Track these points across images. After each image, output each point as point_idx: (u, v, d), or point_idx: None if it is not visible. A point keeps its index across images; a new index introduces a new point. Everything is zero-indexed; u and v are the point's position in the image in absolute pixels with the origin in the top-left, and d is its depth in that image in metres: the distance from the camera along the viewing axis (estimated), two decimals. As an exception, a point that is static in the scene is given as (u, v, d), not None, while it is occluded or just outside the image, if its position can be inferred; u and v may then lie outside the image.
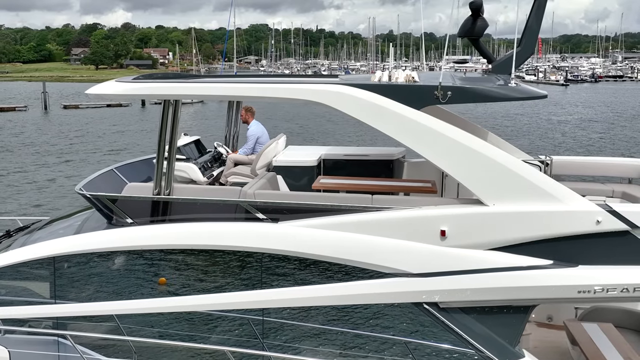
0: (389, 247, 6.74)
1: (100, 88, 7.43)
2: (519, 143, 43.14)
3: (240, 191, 7.33)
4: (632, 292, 6.63)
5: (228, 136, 10.38)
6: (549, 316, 9.77)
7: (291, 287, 6.95)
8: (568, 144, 44.06)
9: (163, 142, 7.26)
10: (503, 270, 6.68)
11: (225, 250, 7.00)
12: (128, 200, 7.37)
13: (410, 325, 6.91)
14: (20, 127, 55.51)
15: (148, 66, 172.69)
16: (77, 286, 7.31)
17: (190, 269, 7.11)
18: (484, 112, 64.39)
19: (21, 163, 36.24)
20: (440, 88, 6.64)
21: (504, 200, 6.66)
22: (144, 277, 7.20)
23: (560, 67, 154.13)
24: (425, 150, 6.75)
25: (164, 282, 7.08)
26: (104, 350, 7.37)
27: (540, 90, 7.21)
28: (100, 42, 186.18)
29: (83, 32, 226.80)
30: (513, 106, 71.07)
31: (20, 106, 70.35)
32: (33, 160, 37.49)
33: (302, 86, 6.98)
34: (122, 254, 7.21)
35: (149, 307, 7.14)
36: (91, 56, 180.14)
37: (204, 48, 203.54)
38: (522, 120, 59.55)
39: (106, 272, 7.25)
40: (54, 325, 7.37)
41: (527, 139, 46.08)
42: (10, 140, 46.70)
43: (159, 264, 7.16)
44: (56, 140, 46.43)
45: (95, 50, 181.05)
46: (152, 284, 7.20)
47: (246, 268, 7.01)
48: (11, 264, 7.34)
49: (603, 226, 6.57)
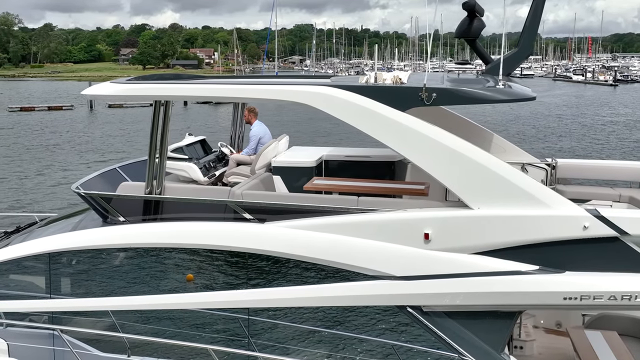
0: (372, 249, 6.72)
1: (95, 89, 7.62)
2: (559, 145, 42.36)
3: (230, 191, 7.42)
4: (619, 300, 6.45)
5: (234, 136, 10.50)
6: (558, 322, 9.58)
7: (275, 288, 7.00)
8: (612, 144, 42.92)
9: (154, 142, 7.40)
10: (487, 275, 6.59)
11: (210, 250, 7.10)
12: (121, 199, 7.53)
13: (395, 329, 6.87)
14: (65, 125, 57.08)
15: (194, 66, 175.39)
16: (70, 282, 7.51)
17: (177, 267, 7.22)
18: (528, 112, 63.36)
19: (62, 161, 37.26)
20: (424, 90, 6.58)
21: (489, 203, 6.57)
22: (134, 274, 7.35)
23: (610, 67, 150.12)
24: (409, 152, 6.70)
25: (192, 279, 7.11)
26: (97, 344, 7.55)
27: (530, 92, 7.07)
28: (148, 43, 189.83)
29: (132, 33, 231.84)
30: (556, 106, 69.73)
31: (67, 105, 72.32)
32: (76, 158, 38.49)
33: (287, 87, 7.02)
34: (112, 252, 7.37)
35: (137, 304, 7.28)
36: (139, 56, 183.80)
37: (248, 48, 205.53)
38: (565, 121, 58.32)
39: (97, 269, 7.43)
40: (49, 319, 7.59)
41: (569, 140, 45.11)
42: (55, 138, 48.09)
43: (148, 262, 7.30)
44: (99, 139, 47.59)
45: (143, 50, 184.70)
46: (141, 281, 7.33)
47: (231, 267, 7.09)
48: (8, 259, 7.58)
49: (590, 232, 6.41)
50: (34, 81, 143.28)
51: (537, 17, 7.69)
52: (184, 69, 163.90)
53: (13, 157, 38.95)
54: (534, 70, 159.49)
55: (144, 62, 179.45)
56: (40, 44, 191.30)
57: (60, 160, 37.68)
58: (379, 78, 7.11)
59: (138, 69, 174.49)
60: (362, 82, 7.06)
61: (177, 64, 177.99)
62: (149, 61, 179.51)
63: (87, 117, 64.75)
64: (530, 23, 7.76)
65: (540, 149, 40.40)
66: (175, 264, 7.22)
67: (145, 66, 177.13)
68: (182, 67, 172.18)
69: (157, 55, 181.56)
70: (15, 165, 35.58)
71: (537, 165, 9.23)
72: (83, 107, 71.53)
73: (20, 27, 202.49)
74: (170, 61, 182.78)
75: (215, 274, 7.17)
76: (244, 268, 7.04)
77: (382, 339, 6.92)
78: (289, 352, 7.08)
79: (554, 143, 43.74)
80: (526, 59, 8.44)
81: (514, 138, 46.04)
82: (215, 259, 7.14)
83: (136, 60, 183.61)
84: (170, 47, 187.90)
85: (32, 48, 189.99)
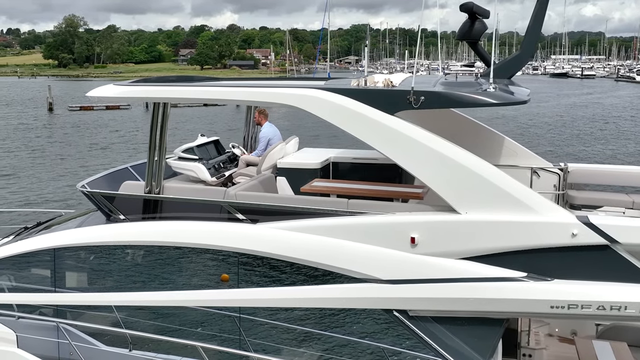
0: (359, 252, 6.73)
1: (99, 91, 7.87)
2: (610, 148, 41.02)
3: (225, 192, 7.56)
4: (609, 311, 6.26)
5: (247, 137, 10.65)
6: (573, 331, 9.35)
7: (262, 288, 7.09)
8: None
9: (154, 143, 7.61)
10: (474, 281, 6.50)
11: (202, 249, 7.25)
12: (121, 197, 7.77)
13: (381, 332, 6.86)
14: (120, 124, 58.77)
15: (250, 66, 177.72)
16: (73, 277, 7.80)
17: (169, 266, 7.40)
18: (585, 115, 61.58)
19: (112, 159, 38.36)
20: (412, 93, 6.54)
21: (477, 208, 6.48)
22: (130, 271, 7.56)
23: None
24: (396, 155, 6.67)
25: (227, 279, 7.23)
26: (101, 337, 7.81)
27: (524, 96, 6.91)
28: (206, 44, 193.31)
29: (191, 34, 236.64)
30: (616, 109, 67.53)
31: (124, 105, 74.39)
32: (127, 156, 39.54)
33: (276, 90, 7.11)
34: (111, 249, 7.61)
35: (131, 300, 7.50)
36: (197, 57, 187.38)
37: (304, 49, 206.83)
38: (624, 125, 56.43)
39: (97, 265, 7.69)
40: (54, 312, 7.90)
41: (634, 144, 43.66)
42: (110, 137, 49.56)
43: (144, 259, 7.50)
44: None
45: (201, 51, 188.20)
46: (137, 277, 7.54)
47: (222, 267, 7.22)
48: (16, 254, 7.92)
49: (579, 239, 6.25)
50: (97, 81, 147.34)
51: (539, 20, 7.53)
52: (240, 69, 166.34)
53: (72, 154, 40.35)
54: (595, 71, 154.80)
55: (202, 63, 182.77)
56: (104, 45, 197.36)
57: (116, 158, 38.76)
58: (370, 81, 7.11)
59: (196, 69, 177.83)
60: (354, 85, 7.07)
61: (233, 65, 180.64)
62: (207, 61, 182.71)
63: (142, 116, 66.41)
64: (533, 25, 7.61)
65: (595, 152, 39.32)
66: (169, 262, 7.39)
67: (202, 66, 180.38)
68: (238, 67, 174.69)
69: (214, 55, 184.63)
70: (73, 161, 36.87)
71: (550, 170, 9.02)
72: (139, 106, 73.41)
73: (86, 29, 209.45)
74: (227, 61, 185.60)
75: (204, 272, 7.32)
76: (234, 268, 7.16)
77: (370, 341, 6.92)
78: (277, 351, 7.15)
79: (611, 147, 42.43)
80: (527, 62, 8.26)
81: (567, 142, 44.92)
82: (206, 258, 7.28)
83: (194, 61, 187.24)
84: (228, 48, 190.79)
85: (95, 49, 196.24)
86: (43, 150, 41.98)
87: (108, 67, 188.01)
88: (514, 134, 48.22)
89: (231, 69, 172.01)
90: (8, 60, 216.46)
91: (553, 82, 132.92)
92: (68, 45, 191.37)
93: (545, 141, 45.01)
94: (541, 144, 42.30)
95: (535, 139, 45.23)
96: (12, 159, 38.71)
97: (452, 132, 9.41)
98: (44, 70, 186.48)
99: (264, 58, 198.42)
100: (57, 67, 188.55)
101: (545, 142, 44.18)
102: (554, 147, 42.29)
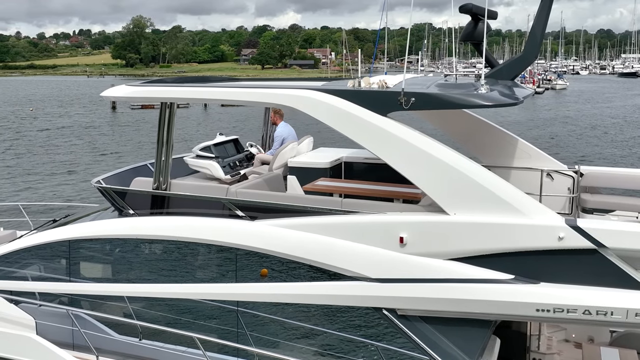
0: (350, 250, 6.85)
1: (111, 91, 8.25)
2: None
3: (227, 189, 7.81)
4: (594, 315, 6.18)
5: (265, 137, 10.89)
6: (590, 337, 9.21)
7: (255, 283, 7.29)
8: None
9: (161, 141, 7.94)
10: (460, 282, 6.53)
11: (202, 244, 7.51)
12: (131, 193, 8.13)
13: (370, 330, 6.95)
14: (178, 123, 60.19)
15: (310, 66, 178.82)
16: (86, 267, 8.20)
17: (169, 260, 7.69)
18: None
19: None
20: (403, 94, 6.61)
21: (465, 210, 6.50)
22: (138, 263, 7.90)
23: None
24: (387, 155, 6.75)
25: (266, 274, 7.39)
26: (113, 326, 8.18)
27: (513, 98, 6.85)
28: (268, 43, 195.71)
29: (253, 34, 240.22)
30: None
31: (183, 103, 76.10)
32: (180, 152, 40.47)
33: (272, 91, 7.30)
34: (119, 242, 7.97)
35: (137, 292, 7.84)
36: (258, 56, 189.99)
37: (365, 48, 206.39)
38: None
39: (107, 256, 8.07)
40: (68, 300, 8.32)
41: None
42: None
43: (147, 252, 7.84)
44: (208, 137, 49.63)
45: (262, 50, 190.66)
46: (145, 270, 7.87)
47: (220, 262, 7.47)
48: (37, 244, 8.38)
49: (565, 243, 6.19)
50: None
51: (542, 21, 7.44)
52: (300, 69, 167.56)
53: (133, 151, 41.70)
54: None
55: (263, 62, 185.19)
56: (169, 45, 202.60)
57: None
58: (366, 82, 7.21)
59: (257, 68, 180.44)
60: (349, 86, 7.19)
61: (294, 64, 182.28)
62: (268, 61, 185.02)
63: (200, 115, 67.90)
64: (536, 27, 7.53)
65: None
66: (170, 256, 7.69)
67: (263, 66, 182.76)
68: (299, 67, 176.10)
69: (275, 55, 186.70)
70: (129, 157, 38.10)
71: (565, 173, 8.89)
72: (198, 105, 74.98)
73: (152, 30, 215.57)
74: (287, 61, 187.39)
75: (203, 267, 7.58)
76: (232, 263, 7.39)
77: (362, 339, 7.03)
78: (273, 344, 7.34)
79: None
80: (531, 64, 8.16)
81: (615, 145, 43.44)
82: (206, 253, 7.55)
83: (255, 61, 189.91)
84: (288, 48, 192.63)
85: (161, 49, 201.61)
86: (105, 149, 43.52)
87: (173, 67, 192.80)
88: (575, 135, 47.12)
89: (291, 68, 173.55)
90: (79, 60, 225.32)
91: (620, 82, 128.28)
92: (135, 45, 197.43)
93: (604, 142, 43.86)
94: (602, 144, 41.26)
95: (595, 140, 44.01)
96: (74, 154, 40.33)
97: (467, 133, 9.41)
98: (112, 69, 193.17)
99: (324, 57, 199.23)
100: (125, 67, 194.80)
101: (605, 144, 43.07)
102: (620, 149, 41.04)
